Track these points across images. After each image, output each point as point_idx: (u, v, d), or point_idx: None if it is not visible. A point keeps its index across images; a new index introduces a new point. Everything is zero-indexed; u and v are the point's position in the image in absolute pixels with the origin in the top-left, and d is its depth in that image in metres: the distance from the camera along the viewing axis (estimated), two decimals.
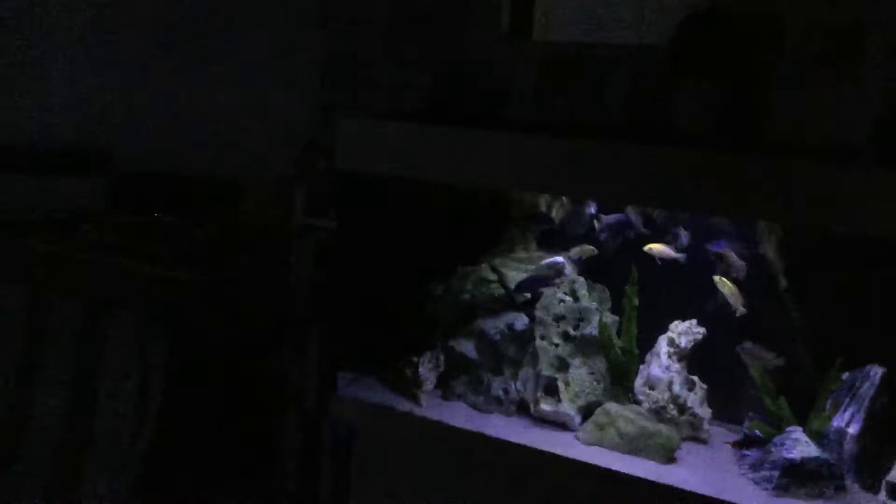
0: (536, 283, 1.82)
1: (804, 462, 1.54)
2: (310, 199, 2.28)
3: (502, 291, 1.87)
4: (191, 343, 2.47)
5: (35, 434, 2.62)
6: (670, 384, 1.73)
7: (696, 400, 1.74)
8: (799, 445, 1.57)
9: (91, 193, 2.94)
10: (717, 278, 1.71)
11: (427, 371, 1.87)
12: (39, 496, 2.58)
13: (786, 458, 1.55)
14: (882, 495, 1.49)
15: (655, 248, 1.74)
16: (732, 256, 1.69)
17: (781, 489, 1.55)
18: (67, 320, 2.60)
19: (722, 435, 1.76)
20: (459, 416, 1.82)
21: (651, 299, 1.80)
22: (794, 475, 1.54)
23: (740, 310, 1.69)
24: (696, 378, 1.75)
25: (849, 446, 1.57)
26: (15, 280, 2.68)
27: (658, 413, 1.73)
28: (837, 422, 1.58)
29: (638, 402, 1.76)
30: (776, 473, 1.55)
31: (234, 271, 2.51)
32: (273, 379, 2.34)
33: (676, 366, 1.74)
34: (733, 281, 1.69)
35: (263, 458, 2.46)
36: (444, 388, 1.88)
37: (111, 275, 2.56)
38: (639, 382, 1.77)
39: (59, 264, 2.64)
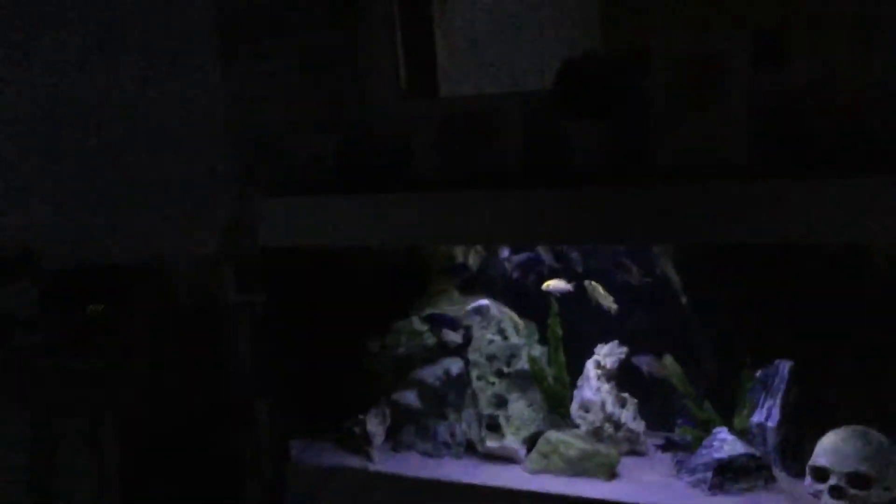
0: (444, 320, 1.91)
1: (733, 459, 1.66)
2: (238, 277, 2.34)
3: (435, 340, 1.96)
4: (140, 431, 2.49)
5: None
6: (603, 404, 1.84)
7: (629, 416, 1.85)
8: (726, 444, 1.68)
9: (17, 296, 2.93)
10: (586, 283, 1.84)
11: (375, 426, 1.95)
12: None
13: (715, 458, 1.66)
14: (807, 479, 1.61)
15: (551, 284, 1.87)
16: (628, 263, 1.82)
17: (717, 487, 1.66)
18: (16, 425, 2.59)
19: (659, 447, 1.86)
20: (412, 465, 1.90)
21: (576, 326, 1.91)
22: (726, 473, 1.66)
23: (612, 307, 1.82)
24: (626, 395, 1.86)
25: (771, 438, 1.69)
26: None
27: (596, 433, 1.83)
28: (757, 417, 1.70)
29: (576, 426, 1.86)
30: (710, 474, 1.66)
31: (172, 355, 2.54)
32: (227, 456, 2.38)
33: (606, 386, 1.85)
34: (633, 286, 1.82)
35: None
36: (394, 440, 1.96)
37: (52, 378, 2.57)
38: (574, 407, 1.87)
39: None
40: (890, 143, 1.55)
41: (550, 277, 1.88)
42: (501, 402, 1.89)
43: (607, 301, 1.84)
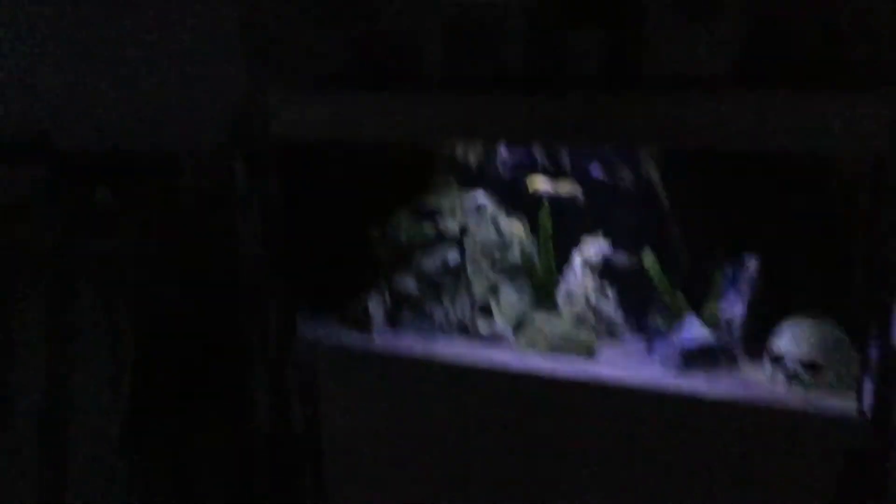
0: None
1: (700, 344, 1.84)
2: (250, 166, 2.47)
3: (434, 231, 2.11)
4: (153, 310, 2.66)
5: (18, 407, 2.79)
6: (585, 294, 2.01)
7: (609, 305, 2.02)
8: (695, 331, 1.86)
9: (32, 179, 3.06)
10: (528, 178, 1.99)
11: (376, 308, 2.12)
12: (28, 459, 2.77)
13: (684, 343, 1.85)
14: (766, 364, 1.80)
15: (537, 183, 2.01)
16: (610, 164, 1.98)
17: (684, 369, 1.84)
18: (36, 301, 2.75)
19: (637, 334, 2.05)
20: (409, 343, 2.08)
21: (566, 222, 2.07)
22: (693, 356, 1.84)
23: (548, 188, 2.00)
24: (607, 286, 2.03)
25: (735, 327, 1.87)
26: None
27: (579, 320, 2.01)
28: (724, 308, 1.88)
29: (560, 313, 2.03)
30: (678, 357, 1.84)
31: (184, 238, 2.69)
32: (238, 332, 2.56)
33: (589, 277, 2.02)
34: (617, 187, 1.98)
35: (237, 405, 2.69)
36: (393, 321, 2.13)
37: (67, 256, 2.72)
38: (560, 295, 2.04)
39: (18, 247, 2.78)
40: (857, 59, 1.67)
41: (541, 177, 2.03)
42: (493, 290, 2.06)
43: (551, 188, 1.98)
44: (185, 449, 2.80)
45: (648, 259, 1.95)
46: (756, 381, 1.79)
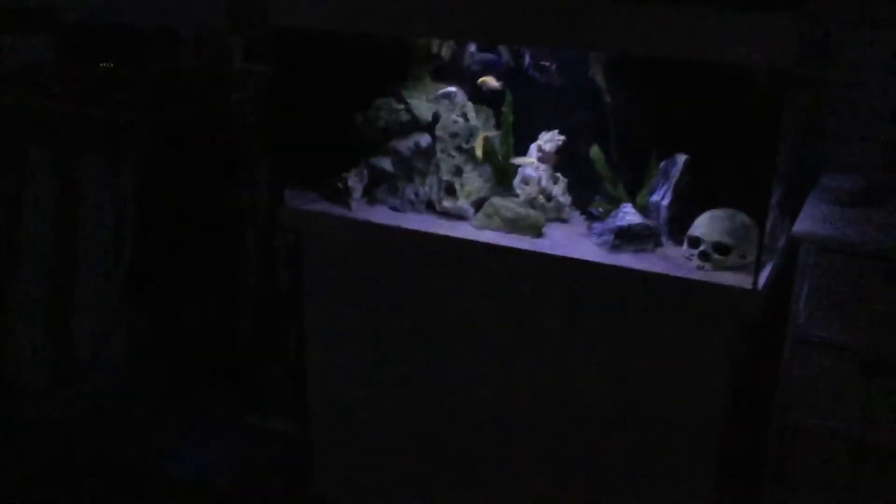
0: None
1: (630, 227, 2.13)
2: (246, 48, 2.69)
3: (409, 117, 2.37)
4: (155, 177, 2.91)
5: (27, 265, 3.07)
6: (539, 180, 2.28)
7: (559, 190, 2.30)
8: (628, 216, 2.15)
9: (41, 48, 3.24)
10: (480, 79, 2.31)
11: (355, 183, 2.39)
12: (39, 312, 3.06)
13: (618, 225, 2.14)
14: (685, 245, 2.10)
15: (485, 80, 2.28)
16: (548, 65, 2.26)
17: (616, 248, 2.14)
18: (42, 166, 2.99)
19: (582, 218, 2.33)
20: (383, 215, 2.36)
21: (527, 116, 2.33)
22: (624, 237, 2.13)
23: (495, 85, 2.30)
24: (559, 174, 2.31)
25: (663, 214, 2.16)
26: None
27: (531, 202, 2.29)
28: (655, 197, 2.16)
29: (516, 195, 2.32)
30: (611, 237, 2.14)
31: (183, 109, 2.91)
32: (232, 197, 2.82)
33: (543, 166, 2.29)
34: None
35: (227, 266, 2.99)
36: (369, 195, 2.41)
37: (74, 123, 2.93)
38: (516, 180, 2.32)
39: (27, 114, 3.00)
40: None
41: (507, 75, 2.28)
42: (458, 172, 2.33)
43: (492, 83, 2.30)
44: (180, 306, 3.11)
45: (595, 152, 2.22)
46: (675, 260, 2.10)
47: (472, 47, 2.34)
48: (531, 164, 2.25)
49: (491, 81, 2.29)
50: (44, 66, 3.23)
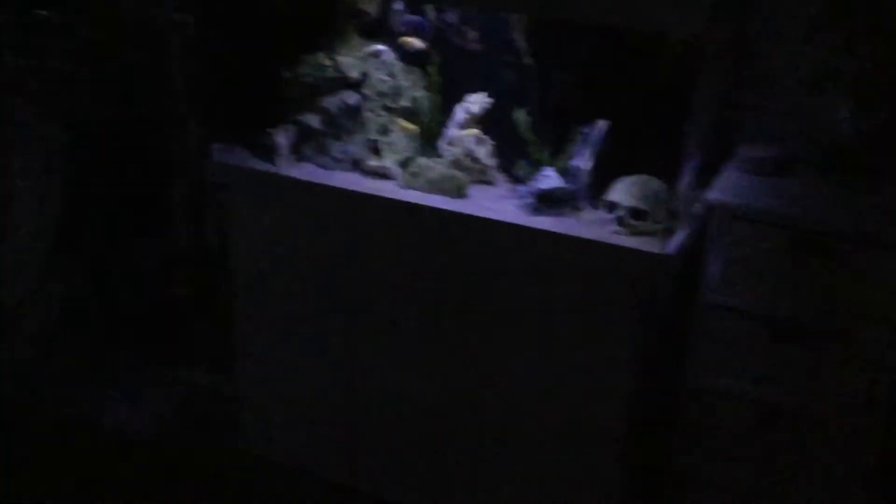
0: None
1: (551, 190, 2.16)
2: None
3: (337, 74, 2.36)
4: (86, 126, 2.87)
5: None
6: (464, 141, 2.30)
7: (485, 152, 2.32)
8: (549, 180, 2.18)
9: None
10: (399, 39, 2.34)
11: (282, 139, 2.38)
12: None
13: (539, 188, 2.17)
14: (601, 209, 2.14)
15: (406, 40, 2.29)
16: (465, 29, 2.29)
17: (537, 210, 2.17)
18: None
19: (506, 180, 2.36)
20: (309, 172, 2.36)
21: (455, 78, 2.34)
22: (545, 199, 2.16)
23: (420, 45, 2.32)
24: (486, 137, 2.32)
25: (583, 178, 2.19)
26: None
27: (456, 163, 2.31)
28: (576, 162, 2.19)
29: (441, 157, 2.33)
30: (533, 199, 2.17)
31: (114, 63, 2.87)
32: (161, 151, 2.80)
33: (470, 128, 2.30)
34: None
35: (157, 219, 2.97)
36: (296, 152, 2.41)
37: (7, 70, 2.88)
38: (442, 142, 2.33)
39: None
40: None
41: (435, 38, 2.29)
42: (385, 131, 2.34)
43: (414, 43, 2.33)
44: (110, 260, 3.09)
45: (520, 115, 2.24)
46: (593, 223, 2.14)
47: (400, 5, 2.34)
48: (471, 135, 2.28)
49: (415, 42, 2.29)
50: None
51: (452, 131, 2.32)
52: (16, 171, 2.98)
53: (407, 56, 2.36)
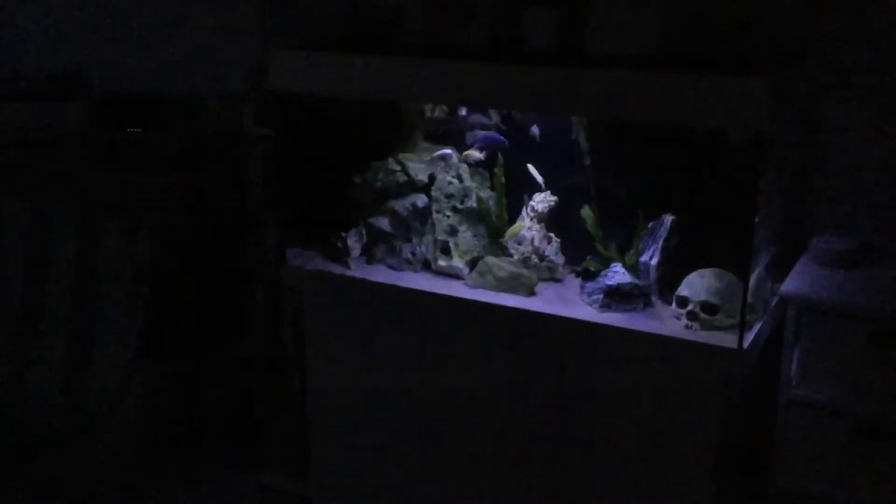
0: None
1: (620, 286, 2.15)
2: (256, 113, 2.80)
3: (405, 178, 2.43)
4: (169, 235, 3.00)
5: (48, 321, 3.16)
6: (532, 240, 2.32)
7: (552, 250, 2.33)
8: (618, 276, 2.17)
9: (73, 115, 3.39)
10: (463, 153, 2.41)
11: (353, 242, 2.45)
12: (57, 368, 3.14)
13: (607, 284, 2.15)
14: (673, 305, 2.10)
15: (468, 153, 2.38)
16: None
17: (606, 306, 2.15)
18: (66, 227, 3.10)
19: (575, 278, 2.35)
20: (380, 274, 2.41)
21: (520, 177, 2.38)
22: (614, 296, 2.15)
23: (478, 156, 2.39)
24: (552, 234, 2.34)
25: (652, 274, 2.17)
26: (15, 195, 3.16)
27: (524, 262, 2.32)
28: (644, 257, 2.18)
29: (510, 255, 2.35)
30: (601, 296, 2.15)
31: (199, 174, 3.02)
32: (239, 259, 2.90)
33: (537, 226, 2.33)
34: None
35: (237, 325, 3.05)
36: (367, 255, 2.46)
37: (100, 185, 3.05)
38: (510, 240, 2.36)
39: (54, 179, 3.13)
40: (750, 50, 1.95)
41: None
42: (453, 232, 2.38)
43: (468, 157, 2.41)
44: (192, 367, 3.17)
45: (586, 213, 2.25)
46: (664, 319, 2.10)
47: (463, 110, 2.41)
48: (521, 228, 2.30)
49: (474, 153, 2.36)
50: (73, 133, 3.37)
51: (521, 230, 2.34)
52: (105, 282, 3.10)
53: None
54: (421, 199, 2.42)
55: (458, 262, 2.35)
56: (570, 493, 2.22)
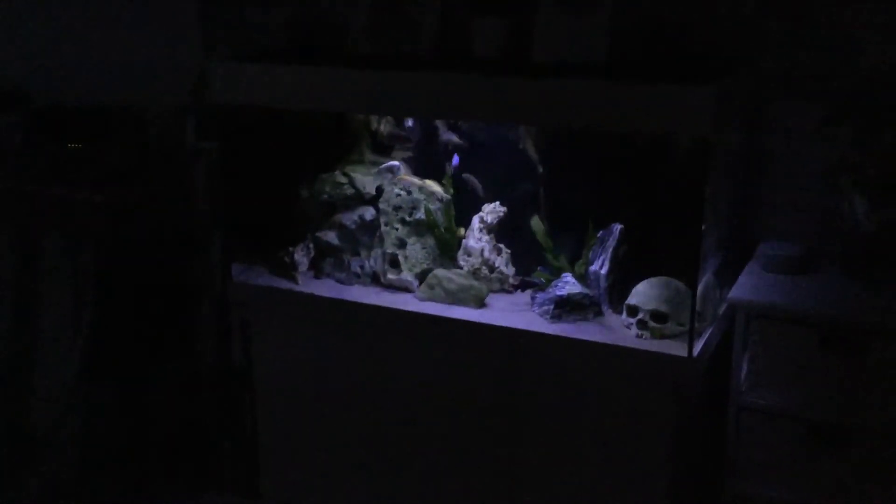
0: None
1: (571, 296, 2.14)
2: (197, 126, 2.73)
3: (353, 191, 2.39)
4: (111, 251, 2.92)
5: None
6: (482, 251, 2.30)
7: (502, 261, 2.31)
8: (568, 286, 2.16)
9: (8, 128, 3.28)
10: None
11: (301, 257, 2.40)
12: None
13: (558, 295, 2.14)
14: (623, 314, 2.10)
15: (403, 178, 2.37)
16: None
17: (556, 317, 2.14)
18: (2, 244, 3.01)
19: (525, 288, 2.34)
20: (329, 288, 2.37)
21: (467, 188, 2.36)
22: (565, 306, 2.14)
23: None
24: (502, 245, 2.32)
25: (602, 283, 2.16)
26: None
27: (474, 273, 2.30)
28: (594, 266, 2.17)
29: (460, 267, 2.33)
30: (552, 306, 2.14)
31: (144, 190, 2.94)
32: (185, 274, 2.84)
33: (486, 237, 2.30)
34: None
35: (183, 341, 2.98)
36: (315, 269, 2.42)
37: (39, 202, 2.96)
38: (459, 252, 2.33)
39: None
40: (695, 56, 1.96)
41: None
42: (402, 244, 2.35)
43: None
44: (137, 379, 3.08)
45: (535, 222, 2.24)
46: (615, 328, 2.10)
47: (409, 122, 2.39)
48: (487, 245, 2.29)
49: (408, 177, 2.38)
50: (9, 147, 3.27)
51: (469, 241, 2.32)
52: (46, 300, 3.02)
53: (421, 169, 2.39)
54: (369, 212, 2.39)
55: (408, 275, 2.32)
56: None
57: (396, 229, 2.35)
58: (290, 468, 2.53)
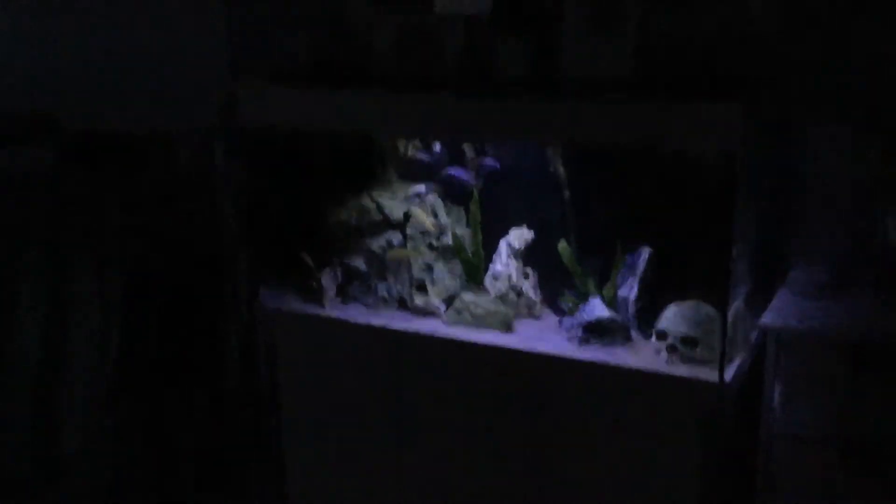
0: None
1: (599, 320, 2.12)
2: (226, 149, 2.76)
3: (381, 216, 2.40)
4: (142, 276, 2.95)
5: (15, 361, 3.09)
6: (509, 276, 2.29)
7: (529, 286, 2.30)
8: (596, 310, 2.14)
9: (41, 155, 3.33)
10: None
11: (328, 282, 2.41)
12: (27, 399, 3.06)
13: (586, 319, 2.13)
14: (653, 338, 2.08)
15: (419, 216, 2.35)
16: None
17: (585, 341, 2.12)
18: (33, 267, 3.04)
19: (552, 312, 2.32)
20: (356, 313, 2.37)
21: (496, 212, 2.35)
22: (593, 331, 2.12)
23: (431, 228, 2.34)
24: (529, 269, 2.31)
25: (631, 308, 2.14)
26: None
27: (502, 298, 2.29)
28: (622, 291, 2.16)
29: (486, 292, 2.32)
30: (580, 331, 2.12)
31: (173, 213, 2.97)
32: (213, 297, 2.85)
33: (513, 262, 2.30)
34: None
35: (211, 364, 2.99)
36: (343, 294, 2.42)
37: (69, 226, 3.00)
38: (486, 276, 2.33)
39: (25, 221, 3.06)
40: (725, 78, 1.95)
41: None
42: (429, 269, 2.34)
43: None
44: (164, 402, 3.10)
45: (562, 246, 2.23)
46: (644, 353, 2.08)
47: (437, 145, 2.39)
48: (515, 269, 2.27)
49: (423, 217, 2.35)
50: (42, 173, 3.31)
51: (496, 266, 2.31)
52: (75, 321, 3.04)
53: (448, 193, 2.39)
54: (396, 237, 2.39)
55: (435, 300, 2.32)
56: None
57: (424, 254, 2.35)
58: (317, 493, 2.52)
